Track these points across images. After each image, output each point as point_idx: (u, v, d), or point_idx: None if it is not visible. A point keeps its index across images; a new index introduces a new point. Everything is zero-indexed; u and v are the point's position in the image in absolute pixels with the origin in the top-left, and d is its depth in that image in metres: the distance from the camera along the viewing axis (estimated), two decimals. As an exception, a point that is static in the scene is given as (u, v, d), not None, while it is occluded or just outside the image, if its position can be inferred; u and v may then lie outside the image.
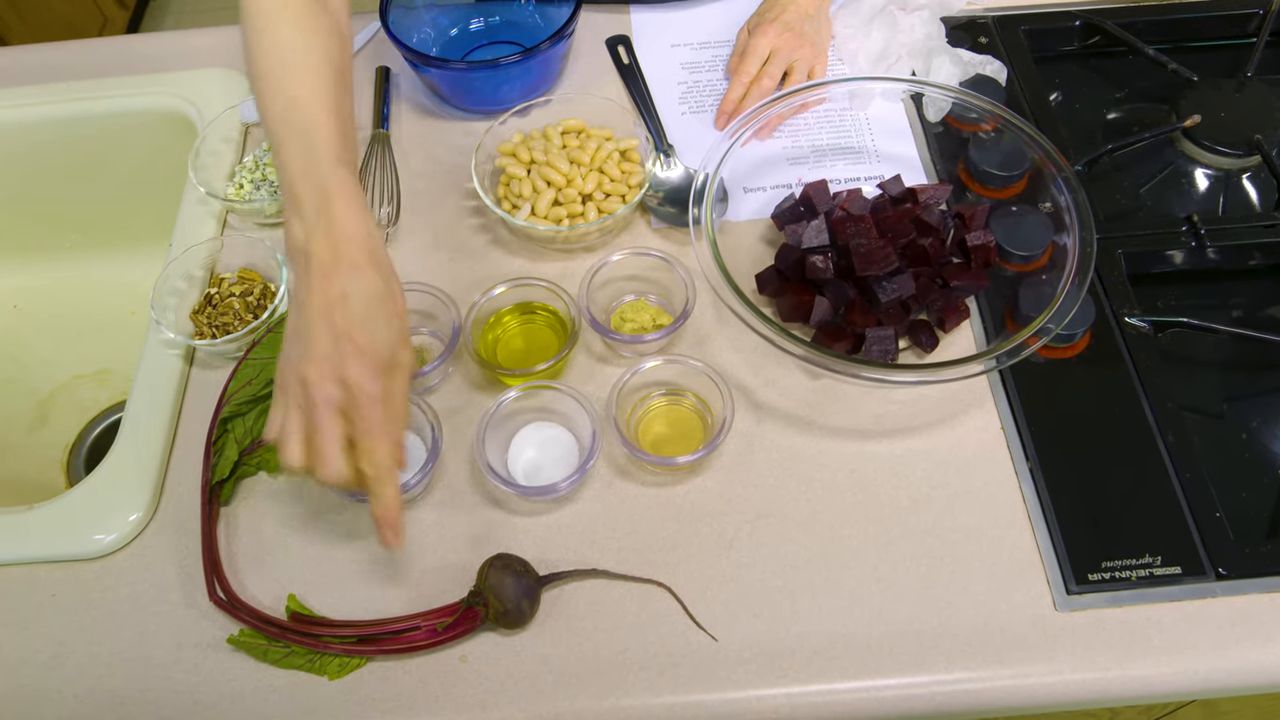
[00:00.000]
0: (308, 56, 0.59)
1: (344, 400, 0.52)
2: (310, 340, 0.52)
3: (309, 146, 0.56)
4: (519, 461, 0.65)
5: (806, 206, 0.73)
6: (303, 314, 0.53)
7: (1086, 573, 0.60)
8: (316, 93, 0.57)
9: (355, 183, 0.56)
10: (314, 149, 0.56)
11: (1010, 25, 0.89)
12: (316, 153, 0.56)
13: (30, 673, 0.60)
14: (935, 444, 0.66)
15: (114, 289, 1.02)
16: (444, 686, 0.58)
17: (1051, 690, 0.58)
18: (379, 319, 0.53)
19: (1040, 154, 0.71)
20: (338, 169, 0.55)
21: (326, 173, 0.55)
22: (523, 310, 0.72)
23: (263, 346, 0.69)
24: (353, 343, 0.51)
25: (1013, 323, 0.70)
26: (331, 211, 0.54)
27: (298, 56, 0.59)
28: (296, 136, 0.56)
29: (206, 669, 0.60)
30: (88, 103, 0.90)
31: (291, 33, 0.60)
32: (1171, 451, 0.65)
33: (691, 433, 0.67)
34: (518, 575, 0.59)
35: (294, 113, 0.57)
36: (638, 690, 0.58)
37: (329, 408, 0.52)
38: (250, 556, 0.64)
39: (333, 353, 0.51)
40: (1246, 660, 0.58)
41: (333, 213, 0.54)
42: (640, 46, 0.90)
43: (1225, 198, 0.80)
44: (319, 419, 0.52)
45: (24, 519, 0.66)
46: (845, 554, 0.62)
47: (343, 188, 0.55)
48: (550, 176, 0.74)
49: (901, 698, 0.58)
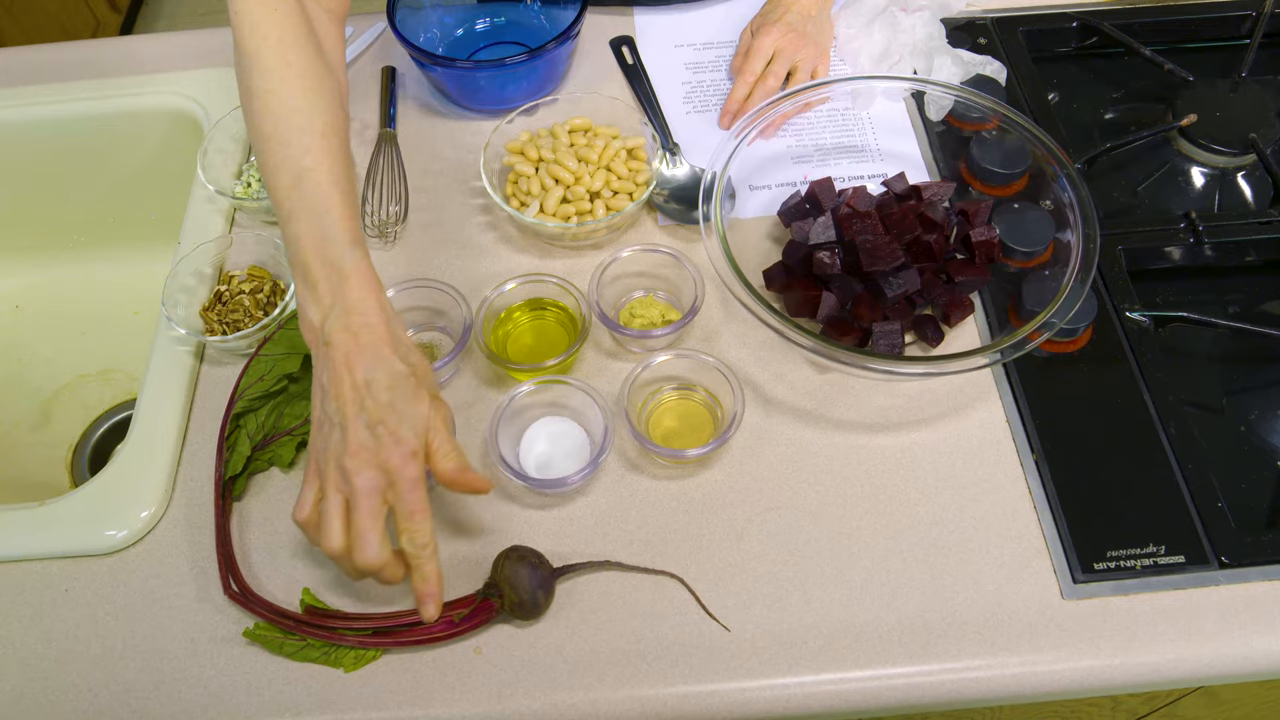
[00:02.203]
0: (314, 121, 0.59)
1: (385, 485, 0.53)
2: (346, 432, 0.53)
3: (322, 226, 0.56)
4: (531, 455, 0.66)
5: (812, 203, 0.74)
6: (329, 401, 0.54)
7: (1092, 562, 0.61)
8: (326, 165, 0.57)
9: (369, 264, 0.56)
10: (328, 230, 0.56)
11: (1009, 26, 0.90)
12: (330, 234, 0.56)
13: (44, 667, 0.60)
14: (942, 437, 0.67)
15: (117, 288, 1.02)
16: (460, 677, 0.59)
17: (1059, 678, 0.58)
18: (408, 401, 0.54)
19: (1043, 152, 0.72)
20: (352, 250, 0.56)
21: (342, 254, 0.55)
22: (533, 306, 0.72)
23: (273, 343, 0.69)
24: (388, 430, 0.52)
25: (1016, 318, 0.71)
26: (348, 297, 0.54)
27: (305, 121, 0.59)
28: (308, 214, 0.56)
29: (221, 662, 0.60)
30: (93, 102, 0.90)
31: (298, 97, 0.59)
32: (1173, 443, 0.66)
33: (701, 426, 0.67)
34: (533, 567, 0.59)
35: (305, 188, 0.57)
36: (652, 680, 0.58)
37: (371, 494, 0.52)
38: (263, 551, 0.65)
39: (370, 442, 0.53)
40: (1250, 647, 0.59)
41: (349, 299, 0.54)
42: (644, 47, 0.91)
43: (1221, 195, 0.82)
44: (360, 503, 0.53)
45: (36, 515, 0.66)
46: (855, 545, 0.63)
47: (357, 271, 0.55)
48: (559, 174, 0.75)
49: (912, 686, 0.58)
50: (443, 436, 0.55)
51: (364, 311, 0.54)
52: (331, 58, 0.64)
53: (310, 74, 0.60)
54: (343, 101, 0.63)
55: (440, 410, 0.56)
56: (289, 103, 0.59)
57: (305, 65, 0.60)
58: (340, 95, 0.63)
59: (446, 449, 0.55)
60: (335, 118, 0.60)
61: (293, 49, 0.60)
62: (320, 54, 0.62)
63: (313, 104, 0.59)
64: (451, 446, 0.56)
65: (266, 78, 0.59)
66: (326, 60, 0.62)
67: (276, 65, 0.59)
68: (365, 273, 0.56)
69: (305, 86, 0.60)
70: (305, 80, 0.60)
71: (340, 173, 0.58)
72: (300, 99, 0.59)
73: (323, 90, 0.60)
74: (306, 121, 0.59)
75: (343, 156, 0.59)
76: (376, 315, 0.55)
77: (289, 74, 0.59)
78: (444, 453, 0.55)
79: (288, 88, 0.59)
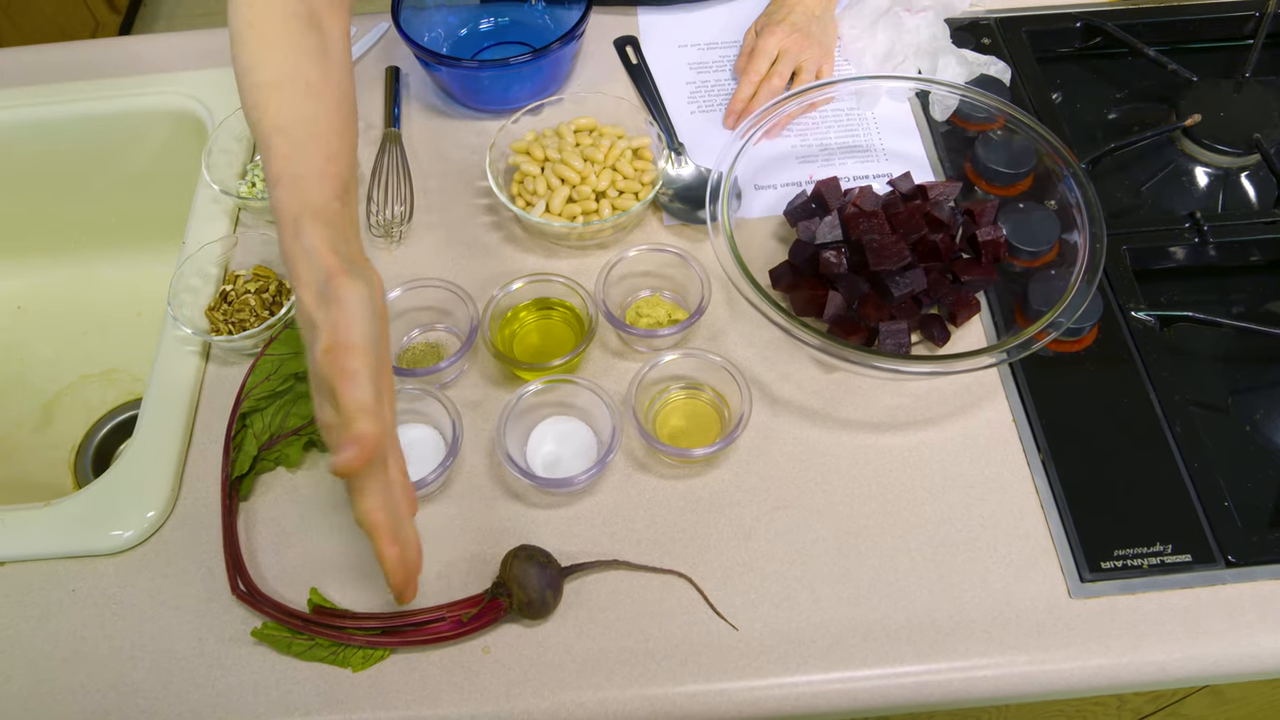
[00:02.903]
0: (262, 75, 0.57)
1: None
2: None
3: (267, 171, 0.55)
4: (538, 455, 0.66)
5: (818, 203, 0.74)
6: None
7: (1099, 561, 0.61)
8: (270, 112, 0.56)
9: (281, 192, 0.54)
10: (268, 170, 0.55)
11: (1013, 26, 0.90)
12: (269, 175, 0.55)
13: (52, 667, 0.60)
14: (948, 436, 0.67)
15: (119, 288, 1.02)
16: (468, 676, 0.59)
17: (1067, 676, 0.59)
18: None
19: (1050, 152, 0.72)
20: (274, 188, 0.55)
21: (271, 185, 0.55)
22: (540, 306, 0.72)
23: (280, 342, 0.69)
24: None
25: (1022, 317, 0.71)
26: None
27: (256, 77, 0.57)
28: (265, 167, 0.56)
29: (229, 662, 0.60)
30: (96, 103, 0.90)
31: (250, 54, 0.58)
32: (1179, 443, 0.66)
33: (708, 426, 0.67)
34: (541, 566, 0.59)
35: (258, 141, 0.57)
36: (661, 679, 0.58)
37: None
38: (270, 551, 0.64)
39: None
40: (1257, 645, 0.59)
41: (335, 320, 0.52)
42: (648, 47, 0.91)
43: (1225, 195, 0.82)
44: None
45: (42, 515, 0.66)
46: (862, 544, 0.63)
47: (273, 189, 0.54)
48: (564, 174, 0.75)
49: (920, 684, 0.58)
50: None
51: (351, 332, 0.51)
52: (318, 13, 0.61)
53: (264, 26, 0.58)
54: (316, 49, 0.59)
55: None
56: (244, 62, 0.58)
57: (266, 26, 0.58)
58: (307, 44, 0.59)
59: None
60: (293, 66, 0.58)
61: (261, 13, 0.59)
62: (294, 17, 0.59)
63: (263, 59, 0.58)
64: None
65: (234, 45, 0.59)
66: (307, 20, 0.60)
67: (241, 29, 0.58)
68: (275, 210, 0.54)
69: (259, 43, 0.58)
70: (264, 39, 0.58)
71: (280, 117, 0.56)
72: (251, 57, 0.58)
73: (275, 42, 0.58)
74: (255, 78, 0.57)
75: (294, 97, 0.57)
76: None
77: (249, 35, 0.58)
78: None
79: (246, 49, 0.58)
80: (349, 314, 0.50)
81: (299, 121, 0.56)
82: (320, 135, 0.56)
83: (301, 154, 0.55)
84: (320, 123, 0.57)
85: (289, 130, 0.56)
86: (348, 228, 0.55)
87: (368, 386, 0.49)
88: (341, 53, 0.61)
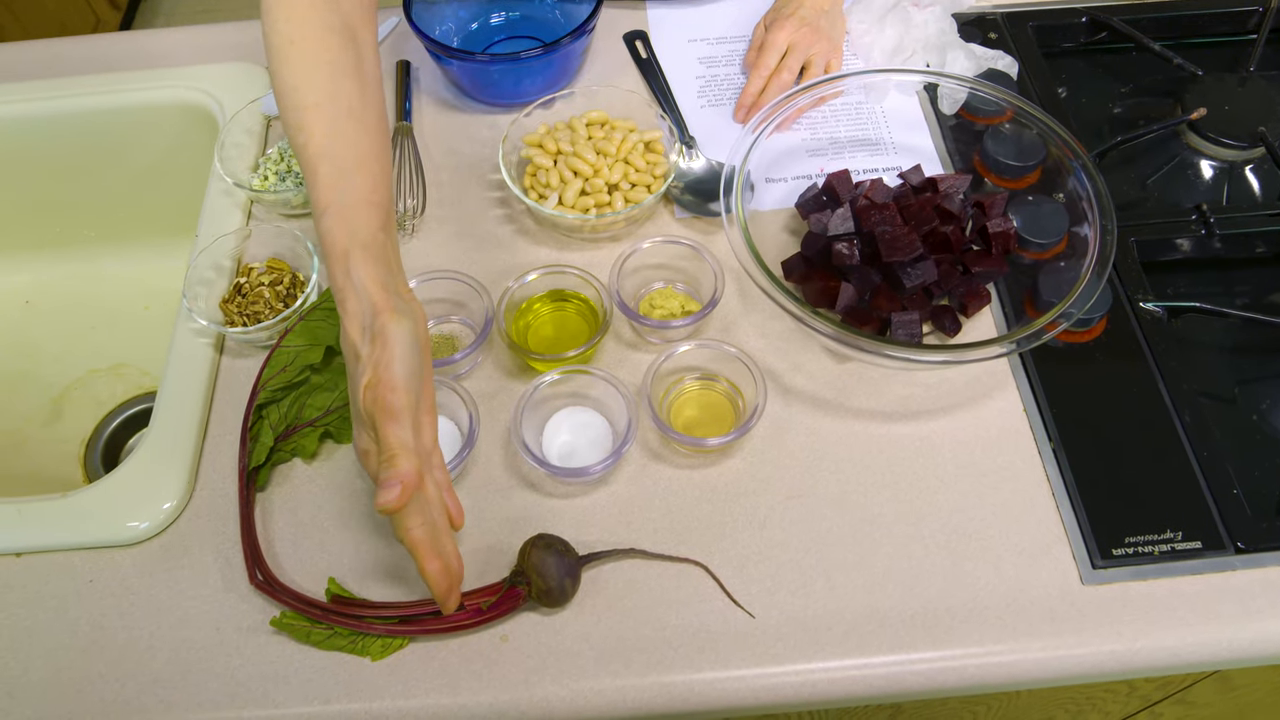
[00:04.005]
0: (306, 96, 0.58)
1: None
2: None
3: (312, 195, 0.57)
4: (553, 445, 0.66)
5: (830, 195, 0.74)
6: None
7: (1111, 548, 0.62)
8: (317, 135, 0.57)
9: (334, 228, 0.56)
10: (314, 198, 0.57)
11: (1019, 21, 0.91)
12: (316, 205, 0.57)
13: (70, 657, 0.61)
14: (960, 426, 0.68)
15: (128, 283, 1.02)
16: (487, 665, 0.59)
17: (1080, 662, 0.59)
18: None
19: (1060, 145, 0.73)
20: (322, 218, 0.56)
21: (318, 221, 0.56)
22: (554, 297, 0.73)
23: (295, 334, 0.69)
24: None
25: (1032, 309, 0.72)
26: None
27: (299, 99, 0.58)
28: (309, 184, 0.57)
29: (248, 651, 0.60)
30: (105, 96, 0.90)
31: (294, 74, 0.59)
32: (1188, 431, 0.66)
33: (723, 416, 0.68)
34: (559, 555, 0.59)
35: (304, 163, 0.58)
36: (679, 666, 0.59)
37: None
38: (287, 542, 0.65)
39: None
40: (1268, 630, 0.59)
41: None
42: (657, 41, 0.91)
43: (1230, 188, 0.83)
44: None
45: (58, 506, 0.66)
46: (877, 532, 0.63)
47: (324, 239, 0.56)
48: (577, 166, 0.75)
49: (935, 671, 0.59)
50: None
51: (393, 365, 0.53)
52: (353, 25, 0.61)
53: (305, 43, 0.59)
54: (354, 65, 0.60)
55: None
56: (288, 81, 0.59)
57: (306, 43, 0.59)
58: (346, 61, 0.60)
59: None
60: (335, 86, 0.58)
61: (300, 28, 0.59)
62: (331, 31, 0.60)
63: (305, 79, 0.58)
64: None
65: (274, 62, 0.59)
66: (343, 34, 0.60)
67: (281, 45, 0.59)
68: (323, 242, 0.56)
69: (300, 60, 0.58)
70: (305, 57, 0.58)
71: (326, 142, 0.57)
72: (294, 76, 0.58)
73: (318, 60, 0.58)
74: (299, 100, 0.58)
75: (337, 120, 0.58)
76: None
77: (291, 52, 0.59)
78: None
79: (288, 67, 0.59)
80: (392, 352, 0.52)
81: (344, 147, 0.57)
82: (364, 162, 0.58)
83: (348, 182, 0.56)
84: (362, 147, 0.58)
85: (335, 157, 0.57)
86: (392, 260, 0.57)
87: (408, 425, 0.52)
88: (374, 66, 0.62)
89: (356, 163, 0.57)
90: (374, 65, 0.62)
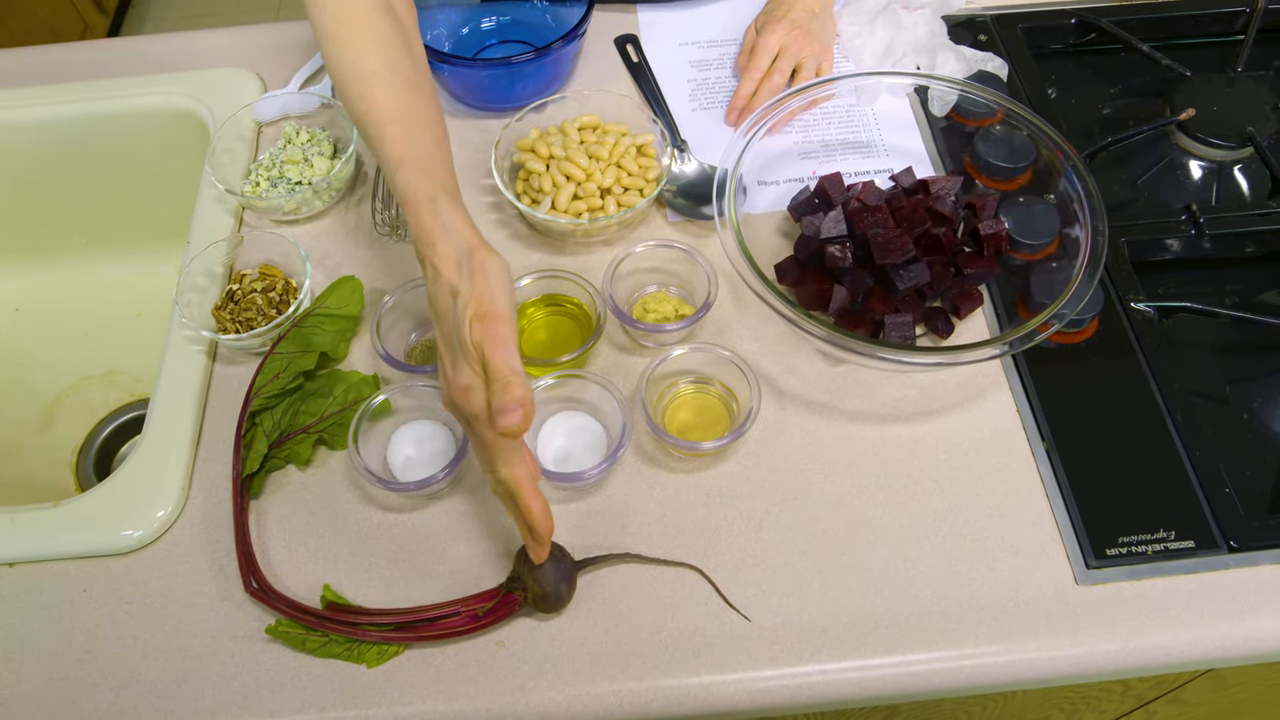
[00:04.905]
0: (362, 66, 0.61)
1: None
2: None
3: (381, 156, 0.60)
4: (549, 449, 0.66)
5: (822, 198, 0.75)
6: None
7: (1104, 548, 0.62)
8: (379, 101, 0.60)
9: (414, 180, 0.58)
10: (382, 158, 0.60)
11: (1008, 23, 0.91)
12: (384, 162, 0.60)
13: (65, 666, 0.60)
14: (954, 427, 0.68)
15: (119, 289, 1.01)
16: (483, 670, 0.59)
17: (1075, 662, 0.59)
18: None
19: (1051, 146, 0.73)
20: (397, 172, 0.59)
21: (392, 176, 0.59)
22: (548, 302, 0.73)
23: (288, 341, 0.69)
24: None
25: (1025, 310, 0.72)
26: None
27: (356, 72, 0.61)
28: (377, 152, 0.60)
29: (244, 659, 0.60)
30: (96, 102, 0.90)
31: (349, 49, 0.62)
32: (1180, 431, 0.67)
33: (717, 420, 0.68)
34: (555, 560, 0.59)
35: (368, 131, 0.61)
36: (675, 670, 0.59)
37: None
38: (281, 549, 0.65)
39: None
40: (1260, 629, 0.60)
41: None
42: (648, 45, 0.91)
43: (1219, 188, 0.83)
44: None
45: (51, 515, 0.66)
46: (871, 534, 0.64)
47: (402, 193, 0.58)
48: (570, 171, 0.75)
49: (931, 672, 0.59)
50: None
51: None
52: (395, 6, 0.65)
53: (355, 22, 0.62)
54: (402, 41, 0.63)
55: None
56: (343, 57, 0.62)
57: (355, 22, 0.62)
58: (395, 37, 0.63)
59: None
60: (390, 58, 0.61)
61: (346, 9, 0.62)
62: (377, 10, 0.63)
63: (362, 51, 0.61)
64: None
65: (327, 45, 0.62)
66: (388, 14, 0.63)
67: (332, 28, 0.62)
68: (406, 191, 0.57)
69: (354, 37, 0.62)
70: (359, 33, 0.62)
71: (391, 104, 0.60)
72: (349, 51, 0.61)
73: (369, 35, 0.62)
74: (357, 71, 0.61)
75: (397, 87, 0.60)
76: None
77: (342, 31, 0.62)
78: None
79: (343, 45, 0.62)
80: (493, 285, 0.54)
81: (407, 110, 0.60)
82: (429, 123, 0.61)
83: (418, 140, 0.59)
84: (424, 111, 0.61)
85: (401, 118, 0.60)
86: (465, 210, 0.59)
87: (516, 353, 0.53)
88: (419, 45, 0.66)
89: (424, 121, 0.60)
90: (419, 44, 0.65)
